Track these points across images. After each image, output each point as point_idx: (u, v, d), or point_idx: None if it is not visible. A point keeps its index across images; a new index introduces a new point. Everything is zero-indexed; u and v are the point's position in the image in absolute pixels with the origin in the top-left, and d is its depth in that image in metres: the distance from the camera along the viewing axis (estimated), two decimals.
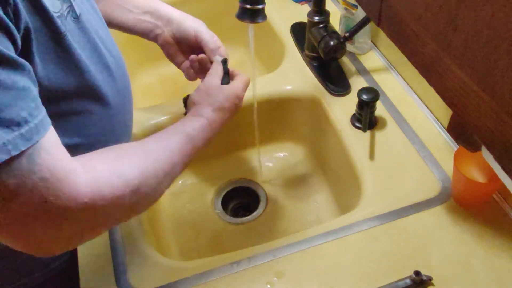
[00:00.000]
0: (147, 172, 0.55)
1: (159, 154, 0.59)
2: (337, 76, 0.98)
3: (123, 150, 0.57)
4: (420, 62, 0.45)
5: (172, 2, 1.22)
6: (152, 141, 0.61)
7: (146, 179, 0.55)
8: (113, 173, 0.51)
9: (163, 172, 0.58)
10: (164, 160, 0.59)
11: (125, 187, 0.52)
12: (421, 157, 0.81)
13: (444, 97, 0.43)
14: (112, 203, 0.50)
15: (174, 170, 0.60)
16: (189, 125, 0.66)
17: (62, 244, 0.52)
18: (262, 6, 0.72)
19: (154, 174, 0.56)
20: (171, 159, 0.60)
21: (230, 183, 1.03)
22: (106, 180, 0.50)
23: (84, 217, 0.49)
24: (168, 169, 0.59)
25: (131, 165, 0.54)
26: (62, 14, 0.54)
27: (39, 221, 0.46)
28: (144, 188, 0.54)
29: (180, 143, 0.63)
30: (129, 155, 0.56)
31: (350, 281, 0.67)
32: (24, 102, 0.43)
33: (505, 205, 0.74)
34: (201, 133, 0.66)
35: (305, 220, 0.95)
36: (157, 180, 0.57)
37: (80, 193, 0.47)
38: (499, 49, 0.33)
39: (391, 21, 0.48)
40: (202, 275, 0.69)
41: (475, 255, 0.68)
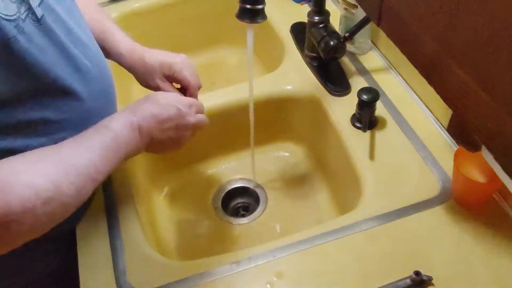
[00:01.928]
0: (61, 180, 0.53)
1: (77, 158, 0.56)
2: (337, 76, 0.98)
3: (36, 156, 0.54)
4: (420, 62, 0.45)
5: (172, 2, 1.23)
6: (68, 145, 0.58)
7: (60, 188, 0.52)
8: (23, 183, 0.50)
9: (81, 178, 0.55)
10: (82, 164, 0.56)
11: (36, 198, 0.50)
12: (421, 157, 0.81)
13: (444, 97, 0.43)
14: (22, 216, 0.49)
15: (95, 173, 0.57)
16: (109, 123, 0.62)
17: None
18: (262, 6, 0.72)
19: (70, 181, 0.54)
20: (90, 162, 0.57)
21: (230, 183, 1.03)
22: (15, 191, 0.49)
23: None
24: (88, 173, 0.56)
25: (44, 173, 0.52)
26: (19, 17, 0.54)
27: None
28: (59, 197, 0.52)
29: (100, 143, 0.59)
30: (41, 162, 0.53)
31: (350, 281, 0.67)
32: None
33: (505, 205, 0.74)
34: (125, 128, 0.62)
35: (305, 220, 0.95)
36: (74, 187, 0.54)
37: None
38: (499, 49, 0.33)
39: (391, 21, 0.48)
40: (202, 275, 0.69)
41: (475, 255, 0.68)
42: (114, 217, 0.77)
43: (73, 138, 0.59)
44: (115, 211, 0.78)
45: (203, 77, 1.26)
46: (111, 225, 0.76)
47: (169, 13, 1.24)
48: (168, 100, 0.68)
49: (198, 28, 1.28)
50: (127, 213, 0.78)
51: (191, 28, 1.27)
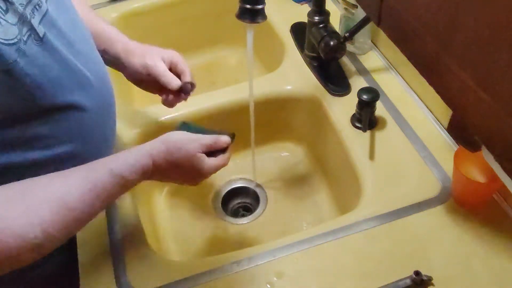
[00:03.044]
0: (53, 226, 0.51)
1: (78, 204, 0.53)
2: (337, 76, 0.98)
3: (22, 193, 0.51)
4: (420, 62, 0.45)
5: (172, 2, 1.23)
6: (59, 180, 0.54)
7: (51, 235, 0.51)
8: (17, 235, 0.48)
9: (78, 222, 0.54)
10: (83, 211, 0.54)
11: (22, 247, 0.48)
12: (421, 157, 0.81)
13: (444, 97, 0.43)
14: (5, 260, 0.48)
15: (91, 217, 0.56)
16: (118, 163, 0.60)
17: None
18: (262, 6, 0.72)
19: (63, 225, 0.52)
20: (92, 207, 0.55)
21: (230, 183, 1.03)
22: (7, 241, 0.47)
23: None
24: (86, 217, 0.55)
25: (39, 222, 0.49)
26: (20, 39, 0.53)
27: None
28: (48, 243, 0.51)
29: (112, 190, 0.58)
30: (34, 203, 0.50)
31: (350, 281, 0.67)
32: None
33: (505, 205, 0.74)
34: (133, 175, 0.61)
35: (305, 220, 0.95)
36: (67, 231, 0.53)
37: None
38: (499, 49, 0.33)
39: (391, 21, 0.48)
40: (202, 275, 0.69)
41: (475, 255, 0.68)
42: (114, 217, 0.77)
43: (82, 176, 0.55)
44: (115, 211, 0.78)
45: (203, 77, 1.27)
46: (111, 225, 0.76)
47: (169, 13, 1.24)
48: (189, 154, 0.66)
49: (198, 28, 1.28)
50: (127, 213, 0.78)
51: (191, 28, 1.27)
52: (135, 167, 0.60)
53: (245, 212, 1.00)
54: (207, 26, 1.29)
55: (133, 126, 0.92)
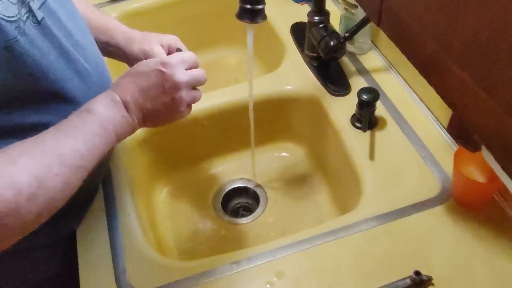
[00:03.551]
0: (45, 173, 0.51)
1: (60, 147, 0.53)
2: (337, 76, 0.98)
3: (17, 150, 0.52)
4: (420, 62, 0.45)
5: (172, 2, 1.23)
6: (51, 134, 0.55)
7: (43, 182, 0.50)
8: (4, 182, 0.48)
9: (68, 168, 0.53)
10: (66, 153, 0.53)
11: (18, 198, 0.48)
12: (421, 157, 0.81)
13: (444, 97, 0.43)
14: (8, 215, 0.47)
15: (83, 161, 0.55)
16: (92, 106, 0.59)
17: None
18: (262, 6, 0.72)
19: (55, 173, 0.51)
20: (75, 149, 0.54)
21: (230, 183, 1.03)
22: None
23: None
24: (75, 162, 0.54)
25: (25, 168, 0.49)
26: (20, 18, 0.53)
27: None
28: (44, 192, 0.50)
29: (87, 127, 0.57)
30: (23, 156, 0.51)
31: (350, 281, 0.67)
32: None
33: (505, 205, 0.74)
34: (111, 112, 0.59)
35: (305, 220, 0.95)
36: (60, 179, 0.52)
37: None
38: (499, 49, 0.33)
39: (391, 21, 0.48)
40: (202, 275, 0.69)
41: (475, 255, 0.68)
42: (114, 217, 0.77)
43: (54, 127, 0.56)
44: (115, 211, 0.78)
45: None
46: (111, 225, 0.76)
47: (169, 13, 1.24)
48: (148, 66, 0.64)
49: (198, 28, 1.28)
50: (127, 213, 0.78)
51: (190, 28, 1.27)
52: (97, 99, 0.60)
53: (245, 212, 1.00)
54: (207, 26, 1.29)
55: None
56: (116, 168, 0.84)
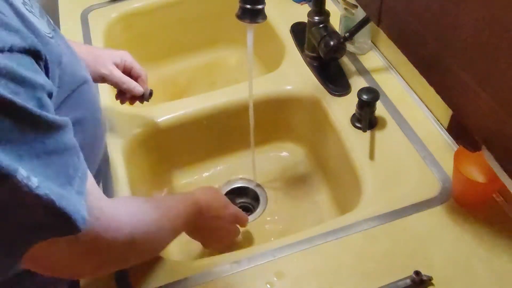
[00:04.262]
0: (162, 223, 0.64)
1: (164, 216, 0.66)
2: (337, 76, 0.98)
3: (137, 200, 0.66)
4: (420, 62, 0.45)
5: (172, 2, 1.23)
6: (161, 203, 0.69)
7: (162, 227, 0.64)
8: (139, 213, 0.60)
9: (163, 231, 0.65)
10: (166, 220, 0.66)
11: (150, 226, 0.60)
12: (421, 157, 0.81)
13: (444, 97, 0.43)
14: (143, 238, 0.58)
15: (175, 232, 0.69)
16: (189, 203, 0.73)
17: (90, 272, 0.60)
18: (262, 6, 0.72)
19: (163, 227, 0.64)
20: (171, 224, 0.67)
21: (230, 183, 1.03)
22: (137, 216, 0.58)
23: (125, 247, 0.56)
24: (167, 227, 0.66)
25: (149, 212, 0.62)
26: (53, 36, 0.54)
27: (90, 256, 0.53)
28: (140, 241, 0.59)
29: (183, 211, 0.70)
30: (146, 205, 0.63)
31: (350, 281, 0.67)
32: (72, 159, 0.47)
33: (505, 205, 0.74)
34: (190, 216, 0.72)
35: (305, 220, 0.94)
36: (165, 234, 0.66)
37: (122, 224, 0.54)
38: (499, 49, 0.33)
39: (391, 21, 0.48)
40: (202, 275, 0.69)
41: (475, 255, 0.68)
42: None
43: (165, 200, 0.76)
44: None
45: (203, 77, 1.27)
46: None
47: (169, 13, 1.24)
48: (223, 219, 0.80)
49: (198, 28, 1.28)
50: None
51: (191, 28, 1.27)
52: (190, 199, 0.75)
53: (245, 212, 1.00)
54: (207, 26, 1.29)
55: (133, 126, 0.92)
56: (116, 168, 0.84)
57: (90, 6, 1.21)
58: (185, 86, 1.25)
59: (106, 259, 0.56)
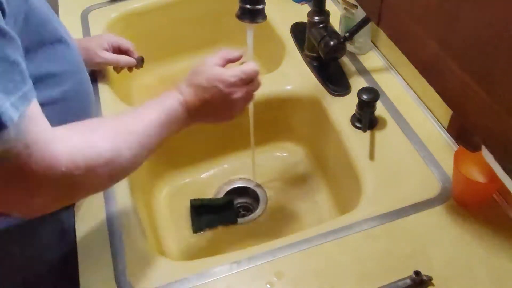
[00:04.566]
0: (120, 145, 0.57)
1: (134, 127, 0.60)
2: (337, 76, 0.98)
3: (98, 123, 0.60)
4: (420, 62, 0.45)
5: (172, 2, 1.23)
6: (126, 115, 0.63)
7: (119, 152, 0.57)
8: (88, 144, 0.54)
9: (138, 145, 0.59)
10: (138, 132, 0.60)
11: (98, 158, 0.54)
12: (421, 157, 0.81)
13: (444, 97, 0.43)
14: (86, 173, 0.52)
15: (149, 142, 0.62)
16: (164, 98, 0.67)
17: (37, 208, 0.54)
18: (262, 6, 0.72)
19: (128, 147, 0.58)
20: (146, 131, 0.61)
21: (230, 183, 1.03)
22: (81, 151, 0.52)
23: (60, 185, 0.51)
24: (143, 141, 0.60)
25: (105, 137, 0.56)
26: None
27: (17, 188, 0.49)
28: (118, 160, 0.56)
29: (155, 115, 0.63)
30: (103, 128, 0.58)
31: (350, 281, 0.67)
32: (12, 75, 0.47)
33: (505, 205, 0.74)
34: (176, 105, 0.67)
35: (305, 220, 0.95)
36: (131, 153, 0.58)
37: (58, 162, 0.50)
38: (499, 49, 0.33)
39: (391, 21, 0.48)
40: (202, 275, 0.69)
41: (475, 255, 0.68)
42: (114, 217, 0.77)
43: (132, 109, 0.66)
44: (115, 211, 0.78)
45: None
46: (111, 225, 0.76)
47: (169, 13, 1.24)
48: (211, 81, 0.70)
49: (198, 28, 1.28)
50: (127, 213, 0.78)
51: (191, 28, 1.27)
52: (169, 95, 0.68)
53: (245, 212, 1.00)
54: (207, 26, 1.29)
55: None
56: None
57: (90, 6, 1.21)
58: None
59: (37, 192, 0.51)
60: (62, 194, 0.54)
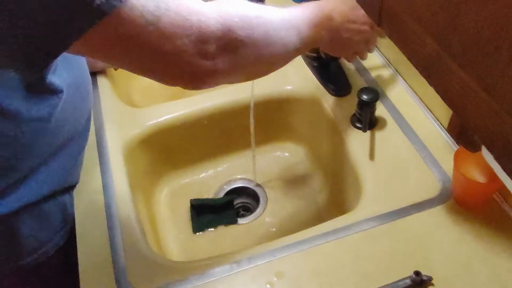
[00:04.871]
0: (265, 16, 0.59)
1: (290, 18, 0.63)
2: (337, 76, 0.98)
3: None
4: (420, 62, 0.45)
5: None
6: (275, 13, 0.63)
7: (266, 20, 0.59)
8: (235, 8, 0.55)
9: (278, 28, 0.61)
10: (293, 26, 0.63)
11: (249, 16, 0.55)
12: (421, 157, 0.81)
13: (444, 97, 0.43)
14: (244, 32, 0.54)
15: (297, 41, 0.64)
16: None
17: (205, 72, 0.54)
18: None
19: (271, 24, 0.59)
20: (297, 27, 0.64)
21: (230, 183, 1.03)
22: (232, 12, 0.54)
23: (218, 36, 0.52)
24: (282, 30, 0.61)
25: (250, 8, 0.57)
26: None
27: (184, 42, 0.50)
28: (266, 26, 0.58)
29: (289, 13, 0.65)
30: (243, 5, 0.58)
31: (350, 281, 0.67)
32: None
33: (505, 205, 0.74)
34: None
35: (305, 220, 0.95)
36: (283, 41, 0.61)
37: (215, 13, 0.51)
38: (499, 49, 0.33)
39: (391, 21, 0.48)
40: (202, 275, 0.69)
41: (475, 255, 0.68)
42: (114, 217, 0.77)
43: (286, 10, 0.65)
44: (115, 211, 0.78)
45: None
46: (111, 225, 0.76)
47: None
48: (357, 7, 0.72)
49: None
50: (127, 213, 0.78)
51: None
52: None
53: (245, 212, 1.00)
54: None
55: (133, 126, 0.92)
56: (116, 168, 0.84)
57: None
58: None
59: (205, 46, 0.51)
60: (228, 50, 0.54)
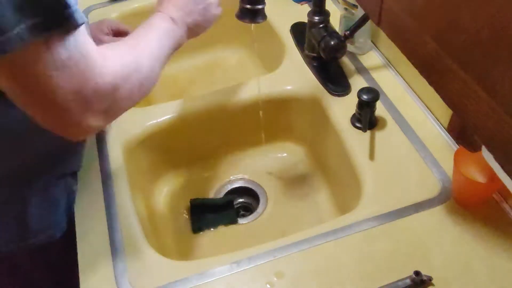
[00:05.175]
0: (139, 55, 0.62)
1: (144, 43, 0.65)
2: (337, 76, 0.98)
3: (113, 45, 0.62)
4: (420, 62, 0.45)
5: None
6: (130, 38, 0.66)
7: (139, 67, 0.61)
8: (118, 58, 0.58)
9: (154, 60, 0.64)
10: (156, 48, 0.65)
11: (130, 66, 0.58)
12: (421, 157, 0.81)
13: (444, 97, 0.43)
14: (124, 83, 0.57)
15: (160, 58, 0.66)
16: (152, 22, 0.70)
17: (86, 127, 0.56)
18: (262, 6, 0.72)
19: (146, 56, 0.63)
20: (159, 48, 0.66)
21: (230, 183, 1.03)
22: (117, 63, 0.56)
23: (107, 97, 0.55)
24: (159, 56, 0.66)
25: (125, 52, 0.60)
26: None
27: (71, 100, 0.51)
28: (141, 69, 0.61)
29: (154, 33, 0.67)
30: (119, 46, 0.62)
31: (350, 281, 0.67)
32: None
33: (505, 205, 0.74)
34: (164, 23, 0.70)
35: (305, 220, 0.94)
36: (150, 67, 0.63)
37: (108, 71, 0.54)
38: (499, 49, 0.33)
39: (391, 21, 0.48)
40: (202, 275, 0.69)
41: (475, 255, 0.68)
42: (114, 217, 0.77)
43: (141, 28, 0.67)
44: (115, 211, 0.78)
45: (203, 77, 1.27)
46: (111, 225, 0.76)
47: None
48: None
49: None
50: (127, 213, 0.78)
51: None
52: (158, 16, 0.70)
53: (245, 212, 1.00)
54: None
55: (133, 126, 0.92)
56: (116, 168, 0.84)
57: (90, 6, 1.21)
58: (185, 86, 1.25)
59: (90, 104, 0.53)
60: (109, 108, 0.56)
